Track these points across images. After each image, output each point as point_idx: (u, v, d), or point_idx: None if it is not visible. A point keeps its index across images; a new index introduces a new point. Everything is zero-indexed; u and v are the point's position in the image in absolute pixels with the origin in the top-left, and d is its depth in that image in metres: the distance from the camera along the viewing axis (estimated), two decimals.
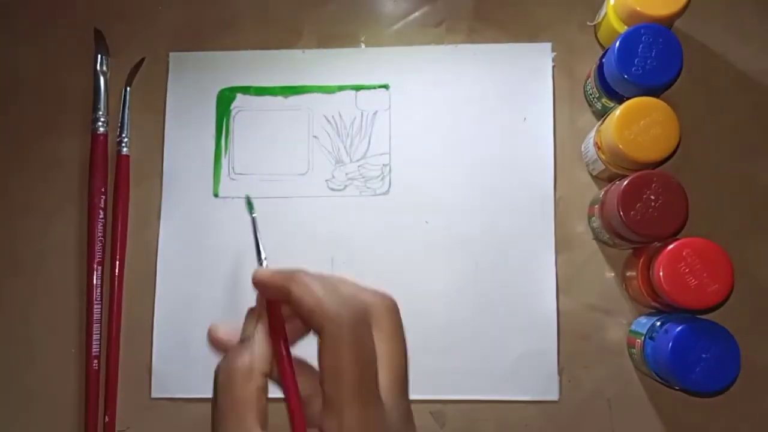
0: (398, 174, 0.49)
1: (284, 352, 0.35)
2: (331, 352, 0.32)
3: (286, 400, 0.34)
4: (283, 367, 0.35)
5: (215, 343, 0.37)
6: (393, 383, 0.34)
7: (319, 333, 0.33)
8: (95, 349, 0.48)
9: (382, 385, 0.34)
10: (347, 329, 0.32)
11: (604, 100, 0.46)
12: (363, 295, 0.35)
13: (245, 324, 0.36)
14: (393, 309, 0.36)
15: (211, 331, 0.37)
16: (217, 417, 0.34)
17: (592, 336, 0.47)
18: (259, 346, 0.35)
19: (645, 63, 0.42)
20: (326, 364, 0.32)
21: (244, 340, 0.36)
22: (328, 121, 0.50)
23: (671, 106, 0.42)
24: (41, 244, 0.50)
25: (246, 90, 0.51)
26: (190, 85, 0.51)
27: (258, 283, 0.36)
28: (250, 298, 0.49)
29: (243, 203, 0.49)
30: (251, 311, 0.37)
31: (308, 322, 0.33)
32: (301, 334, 0.36)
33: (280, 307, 0.36)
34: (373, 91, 0.50)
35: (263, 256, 0.39)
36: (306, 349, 0.34)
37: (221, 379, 0.34)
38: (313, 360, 0.33)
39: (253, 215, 0.40)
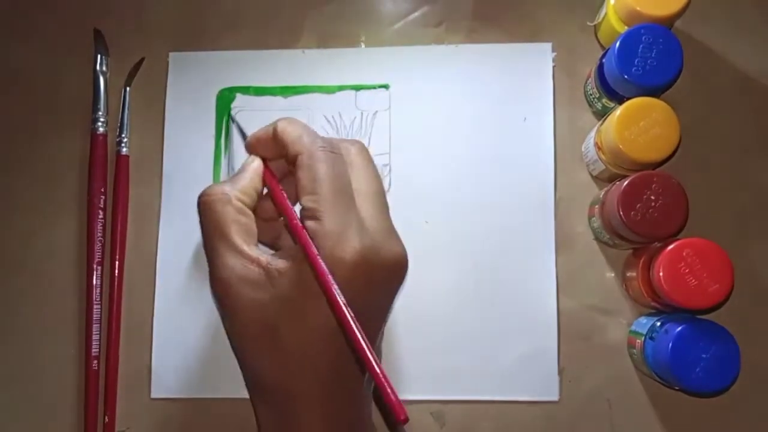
0: (398, 174, 0.49)
1: (276, 187, 0.40)
2: (308, 168, 0.37)
3: (282, 212, 0.39)
4: (277, 195, 0.40)
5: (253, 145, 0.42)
6: (369, 202, 0.38)
7: (297, 158, 0.38)
8: (95, 349, 0.48)
9: (360, 204, 0.38)
10: (322, 153, 0.37)
11: (604, 100, 0.46)
12: (336, 140, 0.40)
13: (238, 170, 0.41)
14: (362, 148, 0.41)
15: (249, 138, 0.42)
16: (204, 240, 0.38)
17: (592, 336, 0.47)
18: (241, 179, 0.40)
19: (645, 63, 0.42)
20: (304, 180, 0.37)
21: (231, 177, 0.41)
22: (328, 121, 0.50)
23: (671, 106, 0.42)
24: (41, 244, 0.50)
25: (246, 90, 0.51)
26: (190, 85, 0.51)
27: (252, 142, 0.41)
28: None
29: None
30: (246, 159, 0.42)
31: (288, 152, 0.38)
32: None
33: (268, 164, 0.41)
34: (373, 91, 0.50)
35: (246, 133, 0.45)
36: None
37: (201, 202, 0.38)
38: None
39: (232, 116, 0.49)
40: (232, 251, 0.36)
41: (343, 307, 0.33)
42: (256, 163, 0.41)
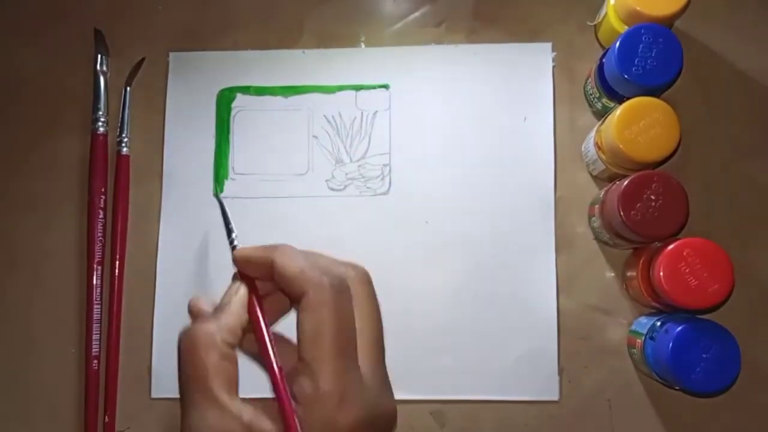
0: (398, 174, 0.49)
1: (262, 325, 0.36)
2: (313, 315, 0.33)
3: (266, 370, 0.34)
4: (260, 337, 0.35)
5: (193, 311, 0.37)
6: (369, 350, 0.35)
7: (301, 298, 0.34)
8: (95, 349, 0.48)
9: (361, 353, 0.34)
10: (329, 294, 0.33)
11: (604, 100, 0.46)
12: (339, 267, 0.36)
13: (223, 296, 0.37)
14: (366, 279, 0.37)
15: (191, 301, 0.37)
16: (181, 384, 0.34)
17: (592, 336, 0.47)
18: (228, 315, 0.35)
19: (645, 63, 0.42)
20: (307, 327, 0.33)
21: (217, 309, 0.36)
22: (328, 121, 0.50)
23: (671, 106, 0.42)
24: (41, 244, 0.50)
25: (246, 90, 0.51)
26: (190, 85, 0.51)
27: (241, 259, 0.37)
28: None
29: (243, 203, 0.49)
30: (230, 286, 0.37)
31: (290, 288, 0.34)
32: (279, 314, 0.38)
33: (255, 285, 0.37)
34: (373, 91, 0.50)
35: (234, 234, 0.39)
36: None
37: (183, 345, 0.34)
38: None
39: (220, 196, 0.43)
40: (213, 405, 0.33)
41: None
42: (242, 292, 0.36)
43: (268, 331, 0.36)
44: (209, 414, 0.33)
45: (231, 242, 0.39)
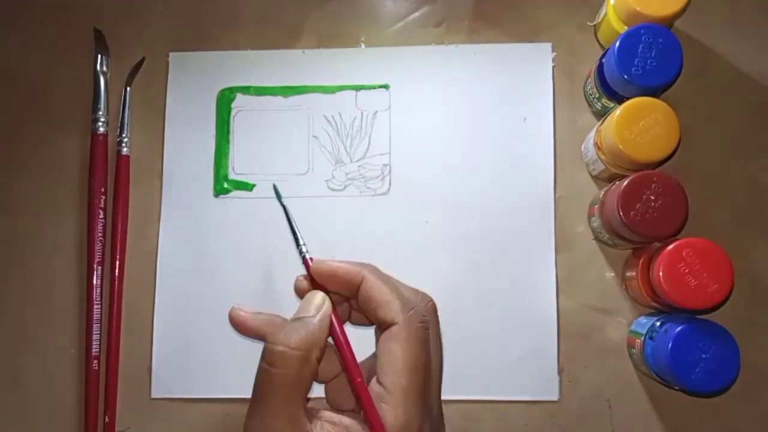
0: (398, 174, 0.49)
1: (344, 338, 0.35)
2: (405, 346, 0.33)
3: (354, 391, 0.34)
4: (345, 356, 0.35)
5: (240, 324, 0.37)
6: (437, 384, 0.35)
7: (389, 326, 0.34)
8: (95, 349, 0.48)
9: (430, 387, 0.34)
10: (420, 331, 0.34)
11: (604, 100, 0.46)
12: (417, 297, 0.36)
13: (303, 308, 0.36)
14: (435, 312, 0.37)
15: (233, 312, 0.37)
16: (265, 388, 0.33)
17: (592, 336, 0.47)
18: (317, 328, 0.34)
19: (645, 63, 0.42)
20: (395, 358, 0.33)
21: (303, 319, 0.35)
22: (328, 121, 0.50)
23: (671, 106, 0.42)
24: (41, 244, 0.50)
25: (246, 90, 0.51)
26: (190, 85, 0.51)
27: (325, 273, 0.36)
28: (250, 297, 0.49)
29: (243, 204, 0.49)
30: (308, 296, 0.37)
31: (377, 313, 0.34)
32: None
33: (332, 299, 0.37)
34: (373, 91, 0.50)
35: (302, 242, 0.39)
36: None
37: (279, 356, 0.33)
38: None
39: (283, 203, 0.42)
40: (290, 420, 0.32)
41: None
42: (327, 306, 0.36)
43: (351, 352, 0.35)
44: (282, 423, 0.32)
45: (301, 252, 0.39)
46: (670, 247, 0.40)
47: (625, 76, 0.42)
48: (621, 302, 0.47)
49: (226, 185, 0.50)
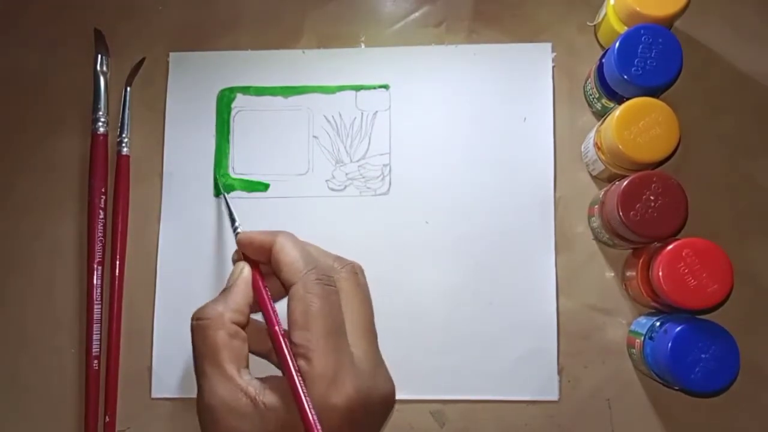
0: (398, 174, 0.49)
1: (266, 296, 0.39)
2: (301, 302, 0.36)
3: (272, 341, 0.38)
4: (265, 308, 0.39)
5: (248, 246, 0.42)
6: (360, 336, 0.38)
7: (291, 286, 0.37)
8: (95, 349, 0.48)
9: (351, 339, 0.37)
10: (316, 284, 0.37)
11: (603, 100, 0.46)
12: (327, 260, 0.40)
13: (229, 277, 0.41)
14: (354, 272, 0.40)
15: (241, 238, 0.42)
16: (195, 360, 0.38)
17: (592, 336, 0.47)
18: (235, 295, 0.39)
19: (645, 63, 0.42)
20: (296, 314, 0.36)
21: (225, 290, 0.40)
22: (328, 121, 0.50)
23: (671, 106, 0.42)
24: (41, 244, 0.50)
25: (246, 90, 0.51)
26: (190, 85, 0.51)
27: (244, 241, 0.41)
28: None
29: (242, 204, 0.49)
30: (234, 268, 0.41)
31: (282, 276, 0.38)
32: (277, 296, 0.41)
33: (259, 266, 0.41)
34: (373, 91, 0.50)
35: (237, 223, 0.44)
36: None
37: (194, 326, 0.38)
38: None
39: (223, 193, 0.48)
40: (223, 378, 0.36)
41: None
42: (246, 272, 0.40)
43: (271, 304, 0.39)
44: (219, 387, 0.36)
45: (235, 229, 0.43)
46: (670, 247, 0.40)
47: (625, 76, 0.42)
48: (621, 302, 0.47)
49: (231, 182, 0.50)
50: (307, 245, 0.40)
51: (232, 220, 0.45)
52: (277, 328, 0.38)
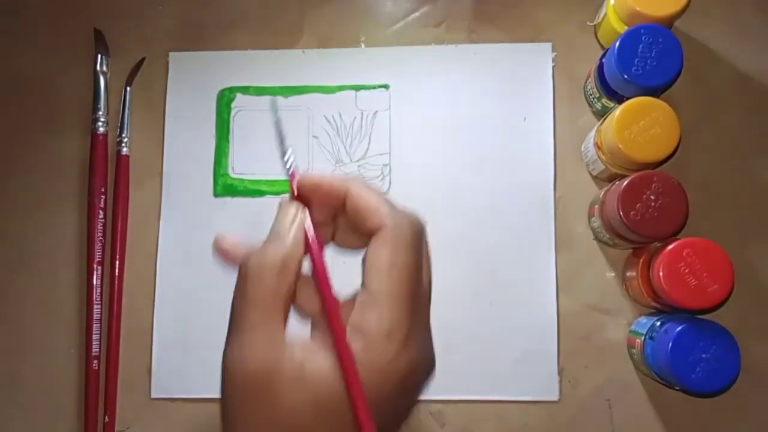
0: (398, 174, 0.49)
1: (319, 252, 0.34)
2: (392, 248, 0.32)
3: (323, 302, 0.33)
4: (319, 266, 0.33)
5: (223, 253, 0.36)
6: (427, 300, 0.34)
7: (378, 230, 0.32)
8: (95, 349, 0.48)
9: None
10: (410, 232, 0.32)
11: (604, 100, 0.46)
12: (406, 211, 0.34)
13: (277, 220, 0.35)
14: (425, 231, 0.35)
15: (217, 241, 0.36)
16: (241, 308, 0.32)
17: (592, 336, 0.47)
18: (292, 238, 0.33)
19: (645, 63, 0.42)
20: (383, 259, 0.31)
21: (274, 235, 0.34)
22: (328, 121, 0.50)
23: (671, 106, 0.42)
24: (41, 244, 0.50)
25: (246, 90, 0.51)
26: (190, 85, 0.51)
27: (310, 185, 0.35)
28: None
29: (242, 204, 0.49)
30: (283, 207, 0.35)
31: (366, 221, 0.33)
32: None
33: (311, 212, 0.35)
34: (373, 91, 0.50)
35: (290, 153, 0.37)
36: None
37: (253, 270, 0.32)
38: None
39: (278, 115, 0.40)
40: (271, 333, 0.31)
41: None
42: (300, 217, 0.34)
43: (324, 262, 0.34)
44: (265, 342, 0.31)
45: (286, 163, 0.37)
46: (670, 246, 0.40)
47: (625, 76, 0.42)
48: (621, 302, 0.47)
49: (231, 182, 0.49)
50: (377, 189, 0.35)
51: (283, 152, 0.37)
52: (330, 290, 0.33)
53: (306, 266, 0.34)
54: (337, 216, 0.36)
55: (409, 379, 0.31)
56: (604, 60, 0.45)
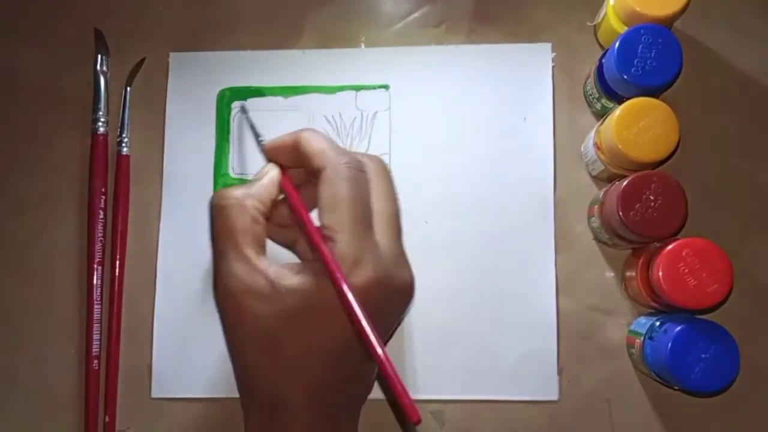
0: (398, 174, 0.49)
1: (297, 197, 0.39)
2: (331, 186, 0.36)
3: (303, 227, 0.38)
4: (294, 203, 0.39)
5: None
6: (385, 226, 0.38)
7: (321, 172, 0.37)
8: (95, 349, 0.48)
9: (376, 227, 0.37)
10: (346, 168, 0.37)
11: (603, 100, 0.46)
12: (356, 154, 0.39)
13: (255, 175, 0.40)
14: (383, 167, 0.40)
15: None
16: (213, 242, 0.38)
17: (592, 336, 0.47)
18: (258, 187, 0.39)
19: (645, 63, 0.42)
20: (325, 197, 0.36)
21: (248, 183, 0.39)
22: (328, 121, 0.50)
23: (671, 106, 0.42)
24: (41, 244, 0.50)
25: (246, 93, 0.51)
26: (190, 86, 0.51)
27: (270, 148, 0.41)
28: None
29: None
30: (262, 168, 0.41)
31: (311, 164, 0.38)
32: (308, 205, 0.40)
33: (286, 170, 0.40)
34: (373, 91, 0.50)
35: (262, 136, 0.44)
36: None
37: (214, 206, 0.38)
38: None
39: (247, 114, 0.49)
40: (241, 260, 0.36)
41: (364, 323, 0.34)
42: (274, 172, 0.40)
43: (301, 201, 0.39)
44: (237, 267, 0.36)
45: (260, 142, 0.43)
46: (670, 247, 0.40)
47: (625, 76, 0.42)
48: (621, 302, 0.47)
49: (231, 182, 0.50)
50: (332, 140, 0.40)
51: (257, 135, 0.44)
52: (305, 214, 0.38)
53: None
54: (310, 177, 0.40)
55: (370, 296, 0.35)
56: (603, 60, 0.45)
